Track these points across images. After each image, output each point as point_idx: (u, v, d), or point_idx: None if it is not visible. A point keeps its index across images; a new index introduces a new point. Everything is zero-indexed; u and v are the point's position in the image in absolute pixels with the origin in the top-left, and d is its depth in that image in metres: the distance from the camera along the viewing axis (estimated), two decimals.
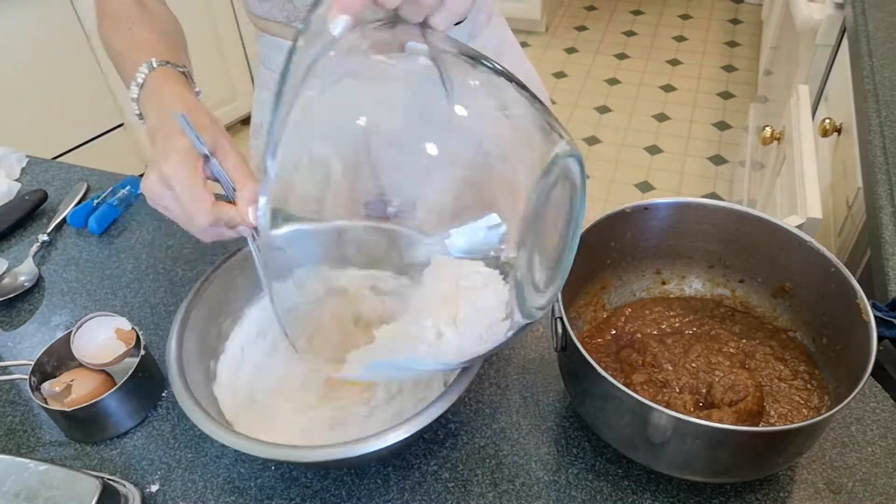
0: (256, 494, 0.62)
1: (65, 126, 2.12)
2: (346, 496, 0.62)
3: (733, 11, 3.35)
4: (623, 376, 0.64)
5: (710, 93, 2.81)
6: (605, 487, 0.61)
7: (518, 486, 0.62)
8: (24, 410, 0.71)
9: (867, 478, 0.61)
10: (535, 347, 0.73)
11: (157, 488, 0.63)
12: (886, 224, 0.82)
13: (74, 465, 0.65)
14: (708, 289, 0.73)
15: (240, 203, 0.55)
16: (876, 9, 1.21)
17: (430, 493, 0.62)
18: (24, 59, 1.96)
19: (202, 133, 0.56)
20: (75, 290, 0.84)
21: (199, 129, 0.56)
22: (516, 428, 0.66)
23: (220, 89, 2.51)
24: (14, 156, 1.04)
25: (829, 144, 1.25)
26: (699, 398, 0.62)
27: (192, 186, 0.54)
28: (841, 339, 0.61)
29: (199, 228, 0.55)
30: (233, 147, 0.58)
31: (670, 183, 2.40)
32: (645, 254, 0.72)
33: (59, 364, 0.70)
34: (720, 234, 0.69)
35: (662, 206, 0.68)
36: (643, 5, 3.44)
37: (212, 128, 0.57)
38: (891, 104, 1.00)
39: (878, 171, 0.90)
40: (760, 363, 0.65)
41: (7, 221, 0.92)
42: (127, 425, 0.68)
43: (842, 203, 1.09)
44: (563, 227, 0.51)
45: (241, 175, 0.56)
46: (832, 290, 0.61)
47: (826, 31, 1.37)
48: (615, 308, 0.72)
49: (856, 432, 0.64)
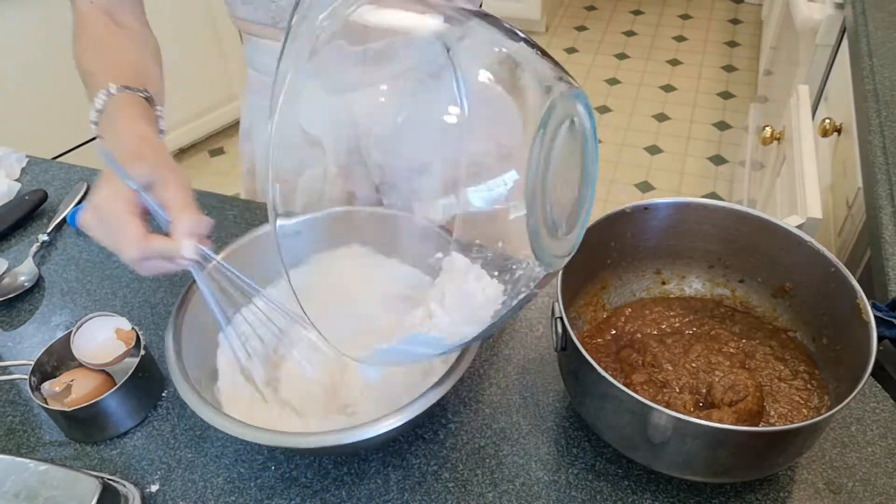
0: (256, 494, 0.62)
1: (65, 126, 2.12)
2: (346, 496, 0.62)
3: (733, 11, 3.35)
4: (623, 376, 0.64)
5: (710, 93, 2.81)
6: (605, 487, 0.61)
7: (518, 486, 0.62)
8: (24, 410, 0.71)
9: (867, 478, 0.61)
10: (535, 347, 0.73)
11: (157, 488, 0.63)
12: (886, 224, 0.82)
13: (74, 465, 0.65)
14: (708, 289, 0.73)
15: (174, 236, 0.55)
16: (876, 9, 1.21)
17: (430, 493, 0.62)
18: (24, 59, 1.96)
19: (137, 165, 0.55)
20: (75, 290, 0.84)
21: (137, 160, 0.56)
22: (516, 428, 0.66)
23: (220, 89, 2.51)
24: (14, 156, 1.04)
25: (829, 144, 1.25)
26: (699, 398, 0.62)
27: (120, 217, 0.54)
28: (841, 339, 0.61)
29: (130, 260, 0.55)
30: (176, 178, 0.57)
31: (670, 183, 2.40)
32: (645, 254, 0.72)
33: (59, 364, 0.70)
34: (720, 234, 0.69)
35: (662, 206, 0.68)
36: (643, 5, 3.43)
37: (154, 159, 0.57)
38: (891, 104, 1.00)
39: (878, 171, 0.90)
40: (760, 363, 0.65)
41: (7, 221, 0.92)
42: (127, 425, 0.68)
43: (842, 203, 1.09)
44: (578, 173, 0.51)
45: (178, 207, 0.55)
46: (832, 290, 0.61)
47: (826, 31, 1.37)
48: (615, 308, 0.72)
49: (856, 432, 0.64)
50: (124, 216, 0.55)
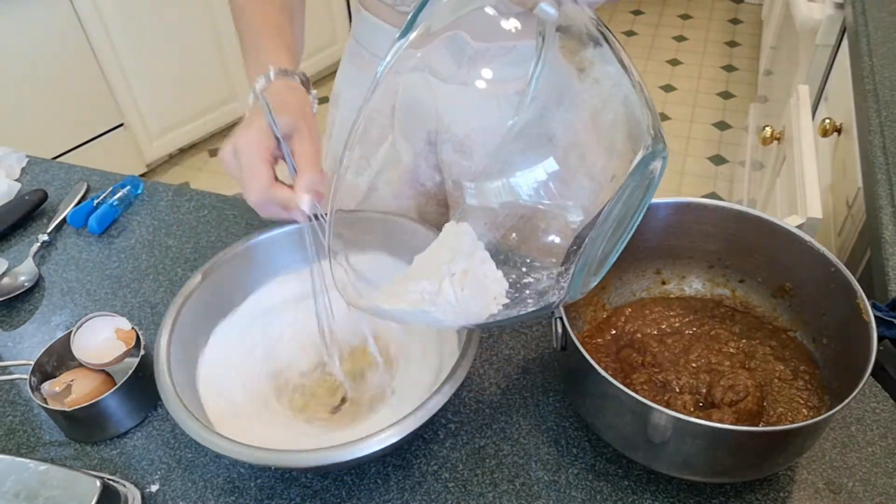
0: (256, 494, 0.63)
1: (65, 126, 2.12)
2: (346, 496, 0.62)
3: (733, 11, 3.35)
4: (623, 376, 0.64)
5: (710, 93, 2.81)
6: (605, 487, 0.61)
7: (518, 486, 0.62)
8: (24, 410, 0.71)
9: (867, 478, 0.61)
10: (535, 347, 0.73)
11: (157, 488, 0.63)
12: (886, 224, 0.82)
13: (74, 465, 0.65)
14: (708, 289, 0.73)
15: (296, 189, 0.58)
16: (876, 9, 1.21)
17: (430, 493, 0.62)
18: (24, 59, 1.96)
19: (285, 114, 0.59)
20: (75, 290, 0.84)
21: (284, 109, 0.59)
22: (516, 428, 0.66)
23: (220, 89, 2.51)
24: (14, 156, 1.04)
25: (829, 144, 1.25)
26: (699, 398, 0.62)
27: (254, 162, 0.58)
28: (841, 339, 0.61)
29: (252, 203, 0.59)
30: (311, 134, 0.60)
31: (670, 183, 2.40)
32: (645, 254, 0.72)
33: (59, 364, 0.70)
34: (720, 234, 0.69)
35: (662, 206, 0.68)
36: (643, 5, 3.43)
37: (297, 111, 0.61)
38: (891, 104, 1.00)
39: (878, 171, 0.90)
40: (760, 363, 0.65)
41: (7, 221, 0.92)
42: (127, 425, 0.68)
43: (842, 203, 1.09)
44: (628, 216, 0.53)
45: (306, 163, 0.59)
46: (832, 290, 0.61)
47: (826, 31, 1.37)
48: (615, 308, 0.72)
49: (856, 432, 0.64)
50: (258, 161, 0.58)
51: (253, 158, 0.58)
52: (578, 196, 0.52)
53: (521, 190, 0.51)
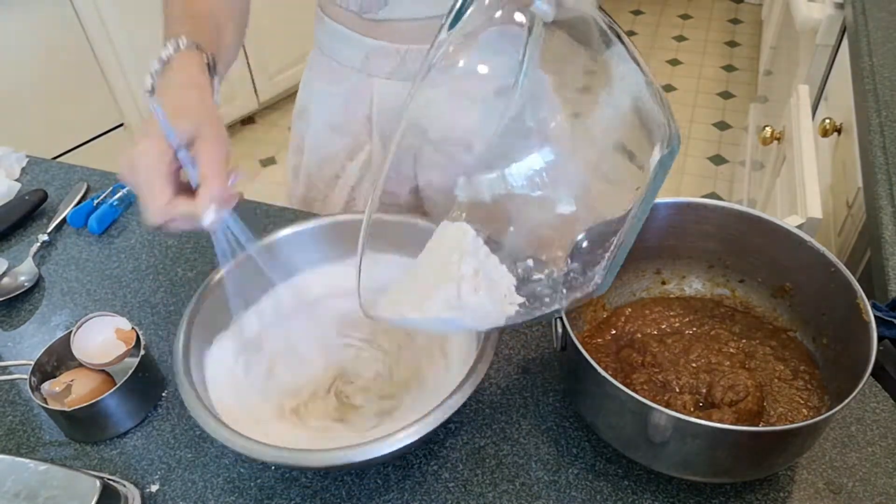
0: (256, 494, 0.62)
1: (65, 126, 2.12)
2: (346, 496, 0.62)
3: (733, 11, 3.35)
4: (623, 376, 0.64)
5: (710, 93, 2.81)
6: (605, 487, 0.61)
7: (518, 486, 0.62)
8: (24, 410, 0.71)
9: (867, 478, 0.61)
10: (535, 347, 0.73)
11: (157, 488, 0.63)
12: (886, 224, 0.82)
13: (74, 465, 0.65)
14: (708, 289, 0.73)
15: (198, 200, 0.54)
16: (876, 9, 1.21)
17: (430, 493, 0.62)
18: (24, 59, 1.96)
19: (183, 119, 0.55)
20: (75, 290, 0.84)
21: (182, 112, 0.55)
22: (516, 428, 0.66)
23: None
24: (14, 156, 1.04)
25: (829, 144, 1.25)
26: (699, 398, 0.62)
27: (151, 178, 0.54)
28: (841, 339, 0.61)
29: (151, 224, 0.55)
30: (216, 138, 0.56)
31: (670, 183, 2.39)
32: (645, 254, 0.72)
33: (59, 364, 0.70)
34: (720, 234, 0.69)
35: (662, 206, 0.68)
36: (643, 5, 3.43)
37: (198, 113, 0.56)
38: (891, 104, 1.00)
39: (878, 171, 0.90)
40: (760, 363, 0.65)
41: (7, 221, 0.92)
42: (127, 425, 0.68)
43: (842, 203, 1.09)
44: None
45: (210, 171, 0.54)
46: (832, 290, 0.61)
47: (826, 31, 1.37)
48: (615, 308, 0.72)
49: (856, 432, 0.64)
50: (154, 176, 0.54)
51: (150, 173, 0.53)
52: (572, 187, 0.51)
53: (516, 181, 0.50)
